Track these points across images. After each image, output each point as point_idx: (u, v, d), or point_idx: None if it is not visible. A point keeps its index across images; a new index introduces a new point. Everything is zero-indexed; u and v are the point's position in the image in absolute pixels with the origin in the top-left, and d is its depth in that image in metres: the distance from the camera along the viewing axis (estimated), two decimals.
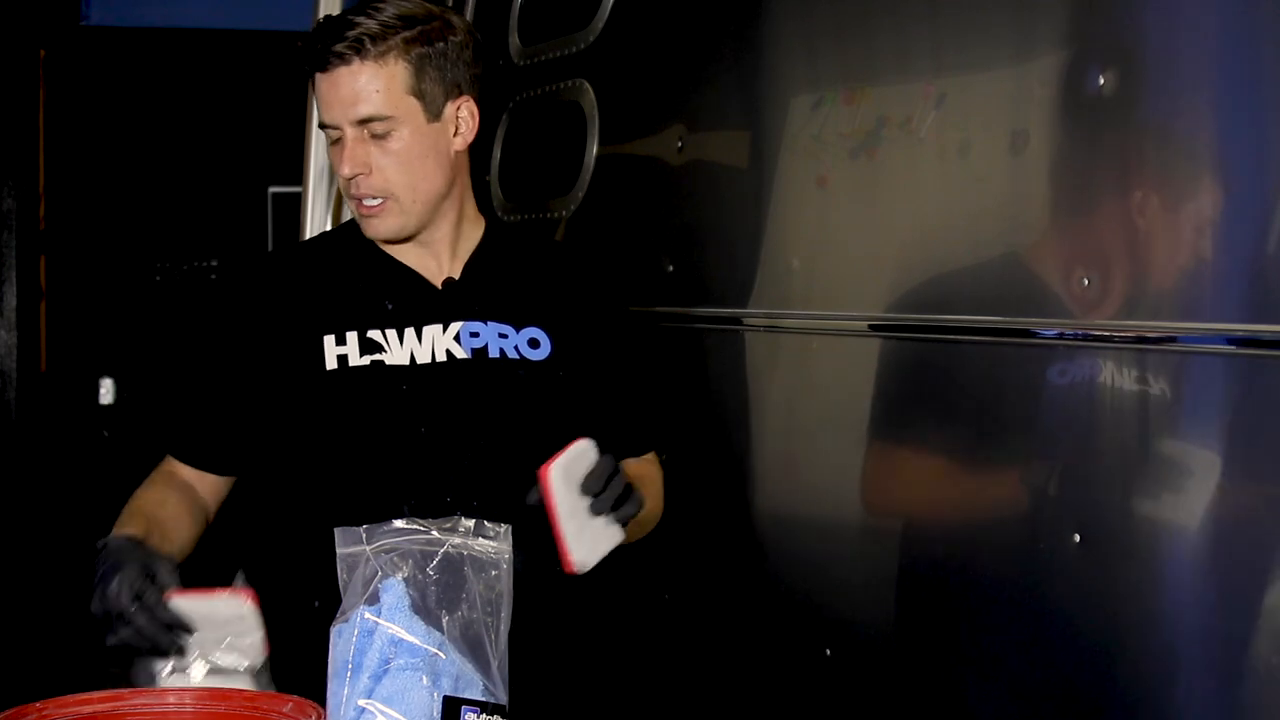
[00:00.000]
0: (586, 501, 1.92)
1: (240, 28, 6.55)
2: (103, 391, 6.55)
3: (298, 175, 4.44)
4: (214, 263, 6.74)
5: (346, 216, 4.33)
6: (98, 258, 6.55)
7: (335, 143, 2.13)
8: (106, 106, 6.53)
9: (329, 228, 3.84)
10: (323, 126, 2.13)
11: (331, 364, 2.14)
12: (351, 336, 2.15)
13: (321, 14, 4.47)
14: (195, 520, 2.16)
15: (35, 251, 6.32)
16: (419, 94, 2.11)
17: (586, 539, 1.94)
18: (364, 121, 2.09)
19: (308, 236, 3.72)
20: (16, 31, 6.21)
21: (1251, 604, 1.70)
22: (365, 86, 2.08)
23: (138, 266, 6.65)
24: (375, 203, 2.13)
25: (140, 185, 6.62)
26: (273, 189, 6.65)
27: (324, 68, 2.09)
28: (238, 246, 6.66)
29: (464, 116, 2.17)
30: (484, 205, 3.50)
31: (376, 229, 2.16)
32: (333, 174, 4.34)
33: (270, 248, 6.63)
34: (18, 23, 6.21)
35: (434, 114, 2.13)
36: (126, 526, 2.01)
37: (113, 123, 6.55)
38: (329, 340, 2.15)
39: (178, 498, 2.16)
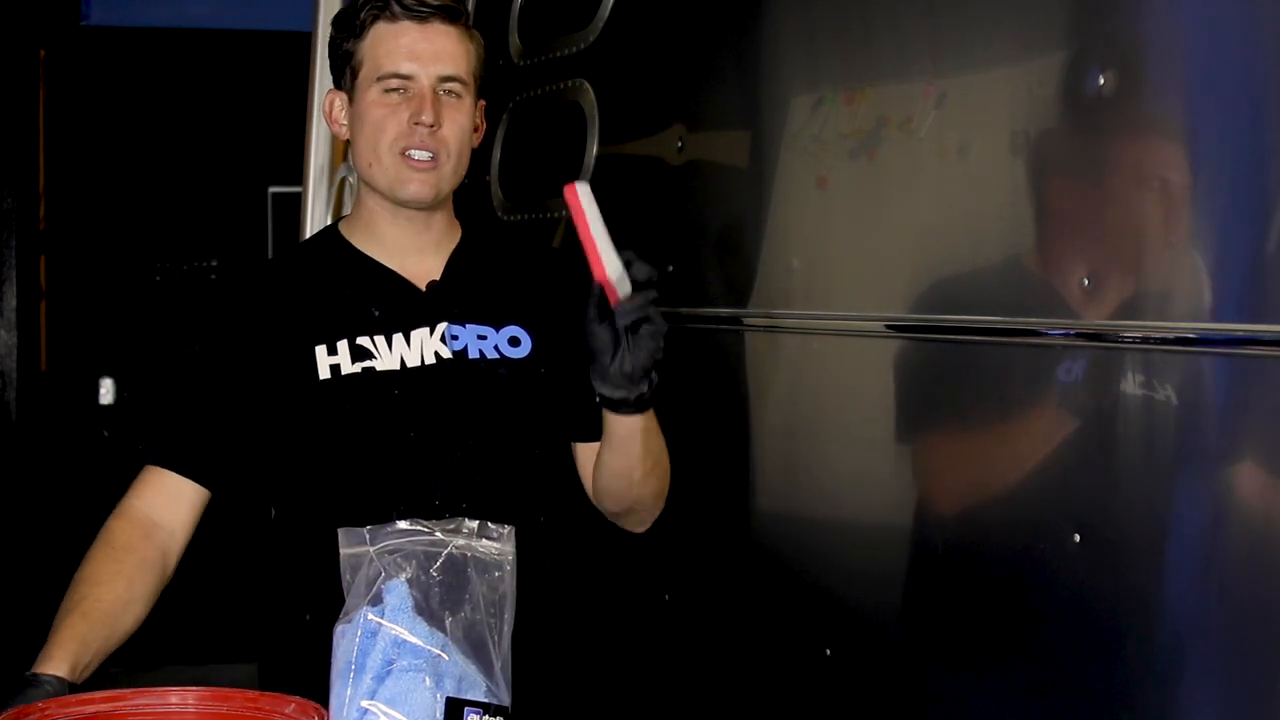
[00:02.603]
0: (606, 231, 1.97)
1: (240, 28, 6.56)
2: (103, 391, 6.56)
3: (298, 175, 4.44)
4: (214, 263, 6.75)
5: None
6: (98, 258, 6.55)
7: (394, 92, 2.16)
8: (106, 106, 6.53)
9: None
10: (384, 77, 2.16)
11: (324, 374, 2.14)
12: (342, 345, 2.15)
13: (321, 14, 4.47)
14: (144, 586, 2.09)
15: (35, 251, 6.33)
16: (476, 77, 2.22)
17: (614, 260, 1.97)
18: (446, 79, 2.17)
19: (307, 237, 3.73)
20: (16, 31, 6.22)
21: (1252, 604, 1.70)
22: (456, 48, 2.18)
23: (138, 266, 6.66)
24: (428, 157, 2.16)
25: (140, 185, 6.63)
26: (273, 189, 6.66)
27: (422, 19, 2.16)
28: (238, 246, 6.66)
29: (479, 117, 2.25)
30: (484, 205, 3.51)
31: (422, 186, 2.17)
32: (332, 173, 4.34)
33: (270, 248, 6.64)
34: (18, 23, 6.22)
35: (475, 101, 2.23)
36: (54, 656, 1.95)
37: (113, 123, 6.56)
38: (320, 350, 2.15)
39: (125, 570, 2.08)
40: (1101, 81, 1.86)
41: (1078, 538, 1.90)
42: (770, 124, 2.55)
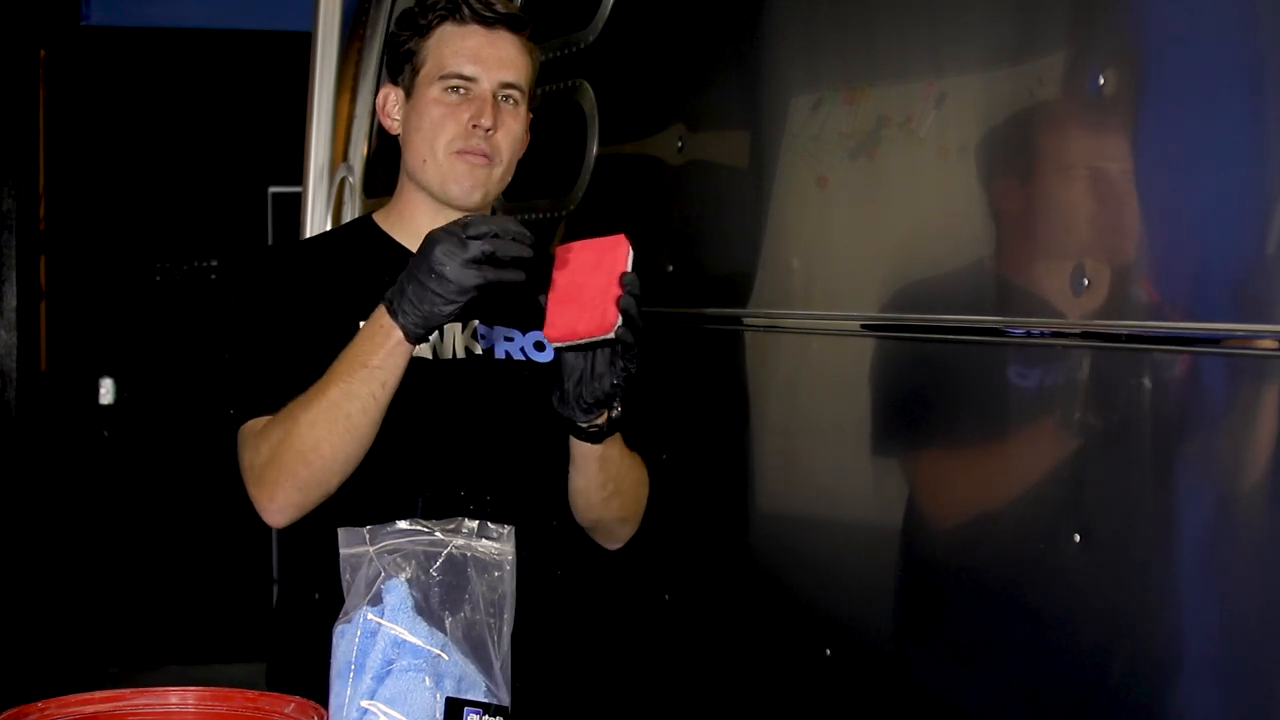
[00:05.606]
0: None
1: (240, 28, 6.57)
2: (103, 391, 6.57)
3: (298, 175, 4.44)
4: (214, 263, 6.76)
5: (346, 217, 4.34)
6: (98, 258, 6.56)
7: (455, 92, 2.19)
8: (106, 106, 6.55)
9: (329, 228, 3.83)
10: (447, 77, 2.19)
11: None
12: None
13: (322, 14, 4.48)
14: None
15: (35, 251, 6.34)
16: (532, 89, 2.25)
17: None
18: (506, 86, 2.20)
19: (308, 236, 3.72)
20: (16, 31, 6.22)
21: (1251, 604, 1.70)
22: (518, 57, 2.22)
23: (138, 266, 6.67)
24: (483, 158, 2.20)
25: (140, 185, 6.64)
26: (273, 189, 6.67)
27: (490, 24, 2.21)
28: (238, 246, 6.68)
29: (527, 131, 2.27)
30: None
31: (472, 186, 2.20)
32: (332, 173, 4.35)
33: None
34: (18, 23, 6.22)
35: (528, 112, 2.26)
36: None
37: (113, 123, 6.57)
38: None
39: None
40: (1102, 81, 1.86)
41: (1078, 538, 1.90)
42: (770, 124, 2.55)
